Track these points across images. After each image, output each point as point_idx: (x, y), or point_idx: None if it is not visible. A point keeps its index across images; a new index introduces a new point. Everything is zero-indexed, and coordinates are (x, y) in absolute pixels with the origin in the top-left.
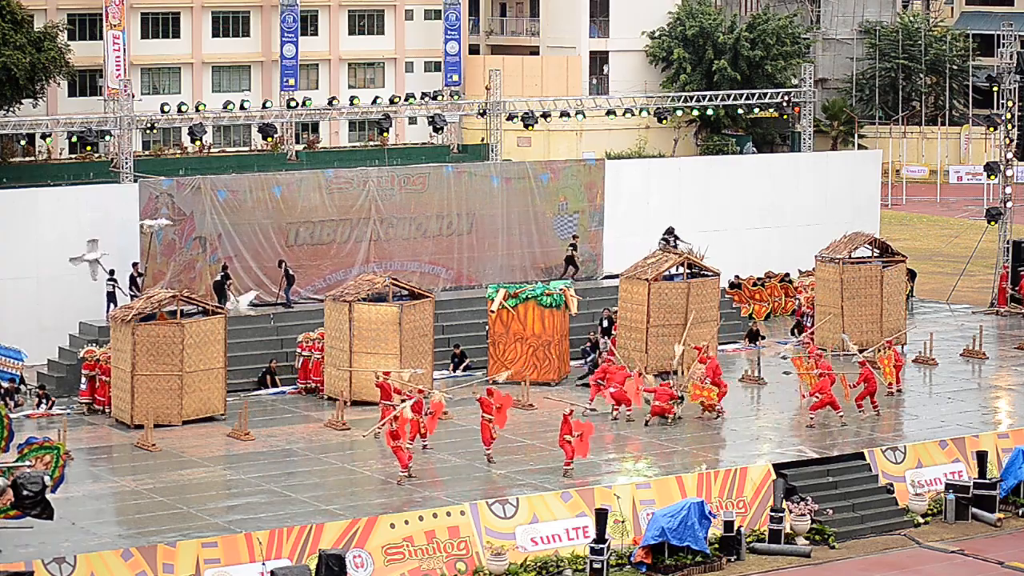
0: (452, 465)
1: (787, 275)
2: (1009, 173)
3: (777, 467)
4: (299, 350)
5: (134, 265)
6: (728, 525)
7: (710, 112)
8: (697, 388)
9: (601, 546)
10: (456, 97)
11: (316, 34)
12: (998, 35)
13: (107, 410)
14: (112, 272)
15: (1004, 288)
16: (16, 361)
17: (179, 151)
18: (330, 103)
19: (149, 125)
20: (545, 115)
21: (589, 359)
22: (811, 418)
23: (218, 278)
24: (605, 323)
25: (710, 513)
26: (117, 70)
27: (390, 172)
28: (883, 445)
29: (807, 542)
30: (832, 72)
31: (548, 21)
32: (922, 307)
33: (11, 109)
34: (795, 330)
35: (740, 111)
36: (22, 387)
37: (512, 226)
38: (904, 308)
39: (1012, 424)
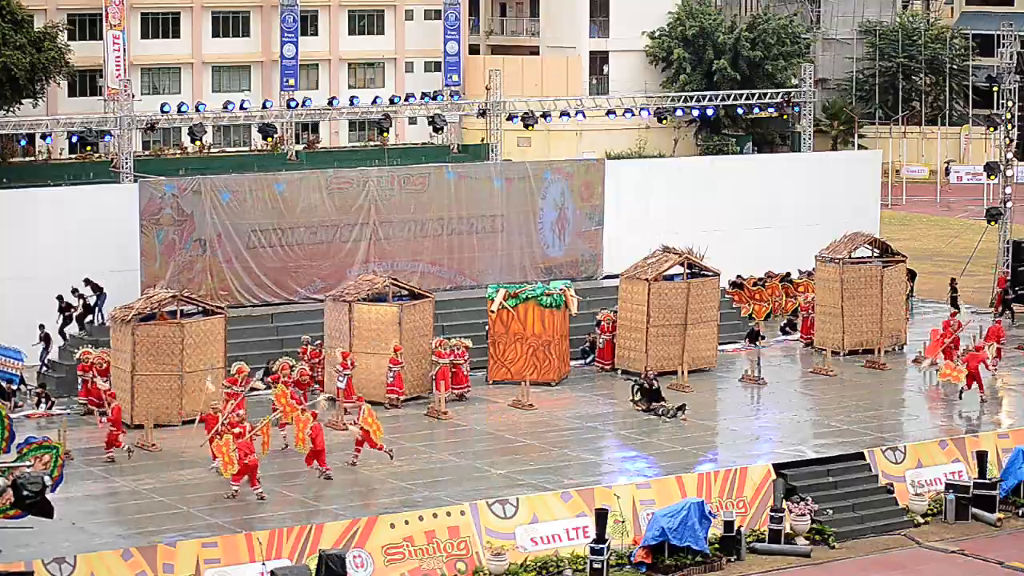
0: (452, 465)
1: (787, 275)
2: (1009, 173)
3: (777, 467)
4: (341, 368)
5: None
6: (728, 525)
7: (710, 112)
8: (949, 368)
9: (601, 546)
10: (456, 97)
11: (316, 34)
12: (998, 35)
13: (103, 410)
14: (66, 292)
15: None
16: (16, 361)
17: (179, 151)
18: (330, 103)
19: (149, 125)
20: (545, 115)
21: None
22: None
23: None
24: None
25: (710, 513)
26: (117, 70)
27: (390, 172)
28: (883, 445)
29: (807, 542)
30: (832, 72)
31: (548, 21)
32: (922, 307)
33: (11, 109)
34: (785, 328)
35: (740, 111)
36: (22, 387)
37: (512, 226)
38: (904, 308)
39: (1012, 424)
